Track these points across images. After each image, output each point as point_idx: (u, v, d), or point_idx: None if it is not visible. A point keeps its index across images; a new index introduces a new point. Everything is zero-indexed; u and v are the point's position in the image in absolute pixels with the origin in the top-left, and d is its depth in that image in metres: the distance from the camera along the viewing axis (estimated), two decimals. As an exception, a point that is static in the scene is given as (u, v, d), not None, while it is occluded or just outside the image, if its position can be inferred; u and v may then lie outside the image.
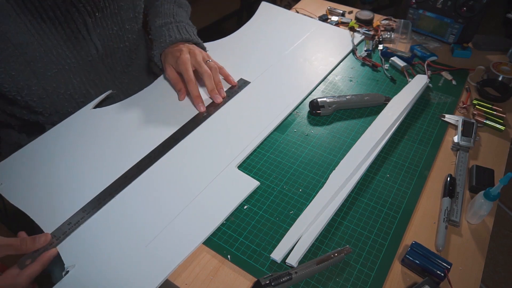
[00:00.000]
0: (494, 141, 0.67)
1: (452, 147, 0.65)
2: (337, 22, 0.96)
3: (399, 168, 0.62)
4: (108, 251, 0.51)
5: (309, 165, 0.62)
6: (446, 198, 0.56)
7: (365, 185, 0.59)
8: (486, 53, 0.86)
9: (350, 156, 0.61)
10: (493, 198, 0.51)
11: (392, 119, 0.67)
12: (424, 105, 0.73)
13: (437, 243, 0.52)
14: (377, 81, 0.79)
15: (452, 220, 0.54)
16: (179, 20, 0.78)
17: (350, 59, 0.85)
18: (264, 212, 0.56)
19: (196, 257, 0.51)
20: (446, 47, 0.88)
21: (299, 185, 0.59)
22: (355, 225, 0.54)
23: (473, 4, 0.79)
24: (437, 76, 0.80)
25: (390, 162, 0.63)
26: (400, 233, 0.53)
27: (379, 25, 0.93)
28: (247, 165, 0.62)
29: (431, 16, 0.86)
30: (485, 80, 0.76)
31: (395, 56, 0.83)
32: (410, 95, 0.71)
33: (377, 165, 0.62)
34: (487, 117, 0.69)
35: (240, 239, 0.53)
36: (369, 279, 0.48)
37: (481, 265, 0.50)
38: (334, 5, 1.03)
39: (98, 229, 0.53)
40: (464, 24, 0.82)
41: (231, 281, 0.49)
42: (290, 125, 0.69)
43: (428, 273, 0.48)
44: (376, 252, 0.51)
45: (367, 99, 0.71)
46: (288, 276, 0.46)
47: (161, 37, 0.74)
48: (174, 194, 0.57)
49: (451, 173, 0.60)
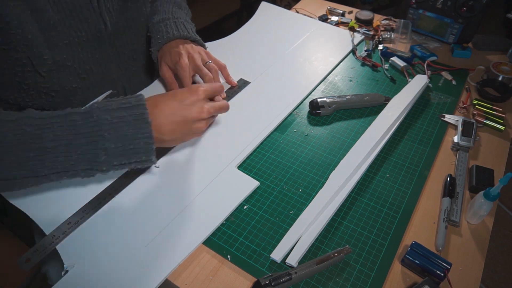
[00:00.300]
0: (494, 141, 0.67)
1: (452, 147, 0.65)
2: (337, 22, 0.96)
3: (399, 168, 0.62)
4: (108, 251, 0.51)
5: (309, 165, 0.62)
6: (446, 198, 0.56)
7: (365, 185, 0.59)
8: (486, 53, 0.86)
9: (350, 156, 0.61)
10: (493, 198, 0.51)
11: (392, 119, 0.67)
12: (424, 105, 0.73)
13: (437, 243, 0.52)
14: (377, 81, 0.79)
15: (452, 220, 0.54)
16: (177, 17, 0.77)
17: (350, 59, 0.85)
18: (264, 212, 0.56)
19: (196, 257, 0.51)
20: (446, 47, 0.88)
21: (299, 185, 0.59)
22: (355, 225, 0.54)
23: (473, 4, 0.79)
24: (437, 76, 0.80)
25: (390, 162, 0.63)
26: (400, 233, 0.53)
27: (379, 25, 0.93)
28: (247, 165, 0.62)
29: (431, 16, 0.86)
30: (485, 80, 0.76)
31: (395, 56, 0.83)
32: (410, 95, 0.71)
33: (377, 165, 0.62)
34: (487, 117, 0.69)
35: (240, 239, 0.53)
36: (369, 279, 0.48)
37: (481, 265, 0.50)
38: (334, 5, 1.03)
39: (97, 229, 0.53)
40: (464, 24, 0.82)
41: (231, 281, 0.49)
42: (290, 125, 0.69)
43: (428, 273, 0.48)
44: (376, 252, 0.51)
45: (367, 99, 0.71)
46: (288, 276, 0.46)
47: (158, 33, 0.74)
48: (174, 194, 0.57)
49: (451, 173, 0.60)
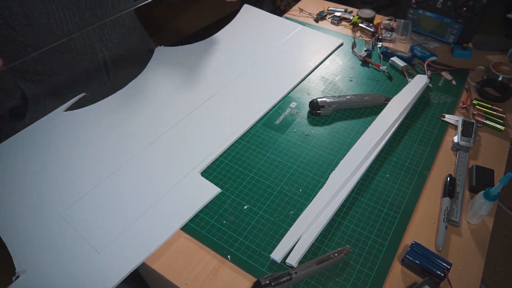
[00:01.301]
0: (494, 141, 0.67)
1: (452, 147, 0.65)
2: (340, 18, 0.96)
3: (399, 168, 0.62)
4: (61, 256, 0.51)
5: (309, 165, 0.62)
6: (446, 198, 0.56)
7: (365, 185, 0.59)
8: (486, 53, 0.86)
9: (350, 156, 0.61)
10: (493, 198, 0.51)
11: (392, 119, 0.67)
12: (424, 105, 0.73)
13: (437, 243, 0.52)
14: (377, 81, 0.79)
15: (452, 220, 0.54)
16: None
17: (350, 59, 0.85)
18: (264, 212, 0.56)
19: (196, 257, 0.51)
20: (446, 47, 0.88)
21: (299, 185, 0.59)
22: (355, 225, 0.54)
23: (473, 4, 0.79)
24: (437, 76, 0.80)
25: (390, 162, 0.63)
26: (400, 233, 0.53)
27: (379, 23, 0.93)
28: (247, 165, 0.63)
29: (431, 16, 0.86)
30: (485, 80, 0.76)
31: (395, 56, 0.83)
32: (410, 95, 0.71)
33: (377, 165, 0.62)
34: (487, 117, 0.69)
35: (240, 239, 0.53)
36: (369, 279, 0.48)
37: (481, 265, 0.50)
38: (334, 5, 1.03)
39: (53, 234, 0.54)
40: (464, 24, 0.82)
41: (231, 281, 0.49)
42: (290, 125, 0.69)
43: (428, 273, 0.48)
44: (376, 252, 0.51)
45: (367, 99, 0.71)
46: (288, 276, 0.46)
47: None
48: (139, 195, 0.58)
49: (451, 173, 0.60)
